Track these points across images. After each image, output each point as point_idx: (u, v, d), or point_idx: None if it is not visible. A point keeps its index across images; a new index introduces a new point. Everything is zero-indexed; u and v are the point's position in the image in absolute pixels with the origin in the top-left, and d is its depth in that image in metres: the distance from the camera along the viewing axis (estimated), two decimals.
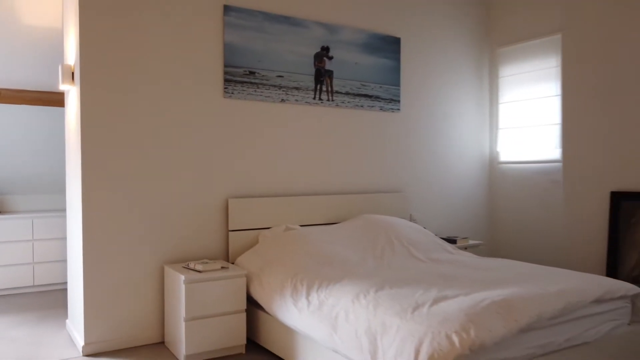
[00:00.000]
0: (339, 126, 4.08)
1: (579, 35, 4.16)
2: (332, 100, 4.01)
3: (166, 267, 3.26)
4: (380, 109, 4.26)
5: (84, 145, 3.11)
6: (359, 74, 4.14)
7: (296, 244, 3.32)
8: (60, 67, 3.35)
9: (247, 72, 3.63)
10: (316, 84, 3.93)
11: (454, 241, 4.15)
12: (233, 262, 3.50)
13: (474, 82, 4.90)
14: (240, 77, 3.60)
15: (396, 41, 4.34)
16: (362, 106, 4.16)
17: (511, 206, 4.77)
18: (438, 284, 2.64)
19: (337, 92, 4.03)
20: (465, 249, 4.21)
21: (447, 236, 4.35)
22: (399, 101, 4.36)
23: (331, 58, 4.00)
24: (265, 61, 3.70)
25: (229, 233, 3.53)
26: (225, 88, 3.54)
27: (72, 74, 3.32)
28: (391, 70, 4.31)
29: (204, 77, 3.48)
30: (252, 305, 3.25)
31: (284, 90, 3.79)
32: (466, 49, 4.84)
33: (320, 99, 3.96)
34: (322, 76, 3.96)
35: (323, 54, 3.95)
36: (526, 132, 4.63)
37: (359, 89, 4.15)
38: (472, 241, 4.35)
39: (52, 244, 4.70)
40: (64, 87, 3.42)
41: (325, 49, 3.96)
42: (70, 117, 3.49)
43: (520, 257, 4.63)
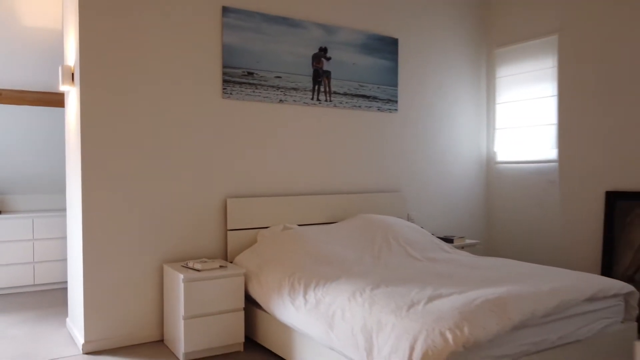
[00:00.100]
0: (337, 126, 4.11)
1: (575, 36, 4.19)
2: (330, 101, 4.04)
3: (165, 266, 3.29)
4: (378, 109, 4.29)
5: (83, 145, 3.14)
6: (356, 75, 4.16)
7: (294, 243, 3.35)
8: (60, 68, 3.38)
9: (246, 73, 3.65)
10: (314, 84, 3.96)
11: (451, 240, 4.18)
12: (231, 261, 3.53)
13: (471, 83, 4.92)
14: (238, 78, 3.62)
15: (394, 42, 4.36)
16: (359, 107, 4.19)
17: (508, 206, 4.80)
18: (434, 282, 2.66)
19: (335, 92, 4.06)
20: (462, 248, 4.23)
21: (444, 235, 4.38)
22: (396, 102, 4.39)
23: (329, 59, 4.02)
24: (263, 62, 3.72)
25: (228, 232, 3.56)
26: (224, 88, 3.57)
27: (72, 74, 3.35)
28: (389, 70, 4.34)
29: (203, 78, 3.51)
30: (250, 303, 3.28)
31: (282, 91, 3.81)
32: (464, 49, 4.87)
33: (318, 99, 3.98)
34: (320, 77, 3.98)
35: (321, 54, 3.98)
36: (523, 133, 4.66)
37: (357, 89, 4.17)
38: (468, 240, 4.38)
39: (52, 243, 4.73)
40: (64, 88, 3.45)
41: (323, 50, 3.99)
42: (70, 118, 3.52)
43: (516, 256, 4.66)
